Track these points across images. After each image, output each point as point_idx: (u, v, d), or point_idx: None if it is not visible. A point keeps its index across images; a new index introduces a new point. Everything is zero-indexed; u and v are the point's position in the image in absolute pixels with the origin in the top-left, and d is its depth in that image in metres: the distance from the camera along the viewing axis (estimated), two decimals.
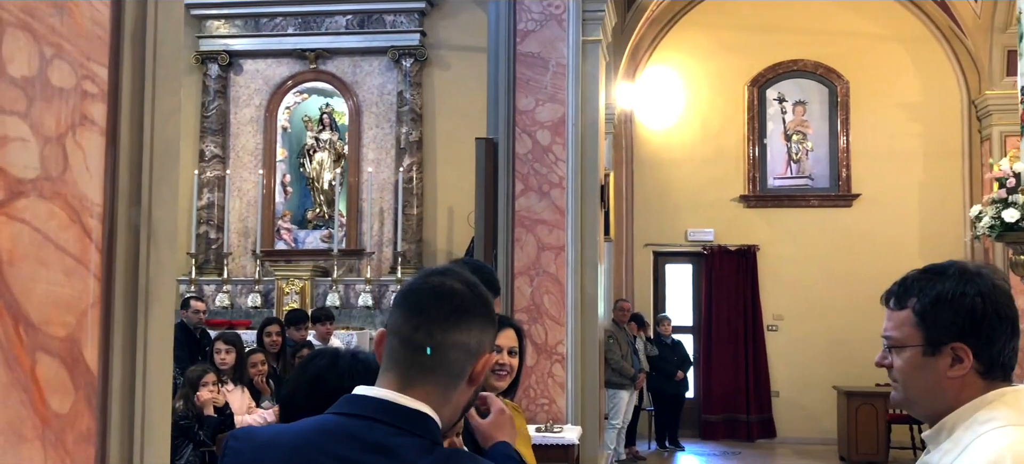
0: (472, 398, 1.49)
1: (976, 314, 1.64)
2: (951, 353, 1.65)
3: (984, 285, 1.66)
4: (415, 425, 1.35)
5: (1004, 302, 1.66)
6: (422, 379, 1.40)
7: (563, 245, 7.48)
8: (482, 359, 1.44)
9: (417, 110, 11.41)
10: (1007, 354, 1.66)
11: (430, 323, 1.40)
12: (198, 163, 11.55)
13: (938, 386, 1.68)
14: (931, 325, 1.68)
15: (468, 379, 1.44)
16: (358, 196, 11.54)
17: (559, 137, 7.53)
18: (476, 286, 1.47)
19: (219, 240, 11.49)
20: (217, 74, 11.64)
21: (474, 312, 1.44)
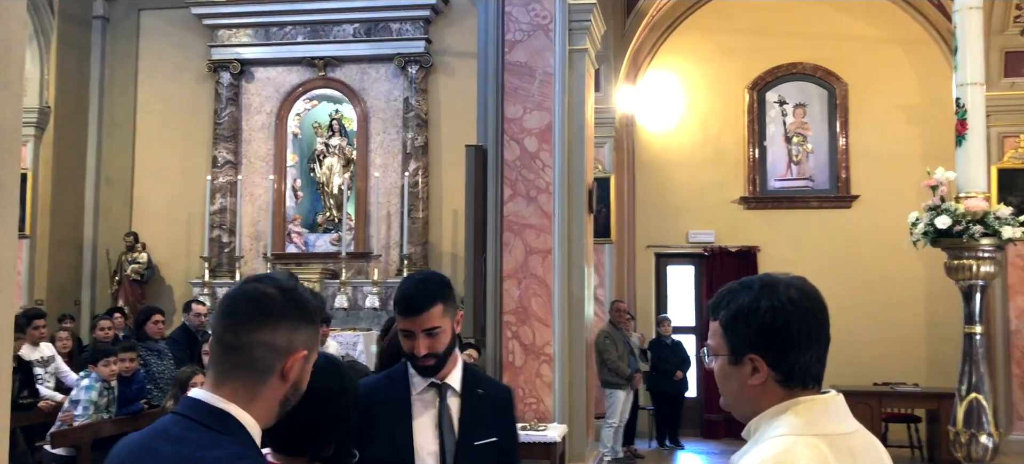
0: (290, 392, 1.64)
1: (768, 328, 1.76)
2: (750, 363, 1.78)
3: (779, 299, 1.77)
4: (216, 422, 1.54)
5: (799, 316, 1.75)
6: (230, 376, 1.58)
7: (550, 249, 7.69)
8: (292, 356, 1.61)
9: (422, 116, 11.67)
10: (804, 365, 1.75)
11: (237, 324, 1.59)
12: (211, 169, 11.88)
13: (742, 393, 1.83)
14: (732, 336, 1.82)
15: (280, 375, 1.61)
16: (366, 200, 11.82)
17: (546, 144, 7.74)
18: (290, 292, 1.64)
19: (231, 244, 11.82)
20: (229, 82, 11.97)
21: (282, 314, 1.61)
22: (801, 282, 1.83)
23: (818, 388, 1.79)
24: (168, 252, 12.05)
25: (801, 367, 1.75)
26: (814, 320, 1.77)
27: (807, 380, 1.76)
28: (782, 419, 1.74)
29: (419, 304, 2.56)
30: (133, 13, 12.39)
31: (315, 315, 1.69)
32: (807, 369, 1.75)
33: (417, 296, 2.58)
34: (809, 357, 1.75)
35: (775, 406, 1.76)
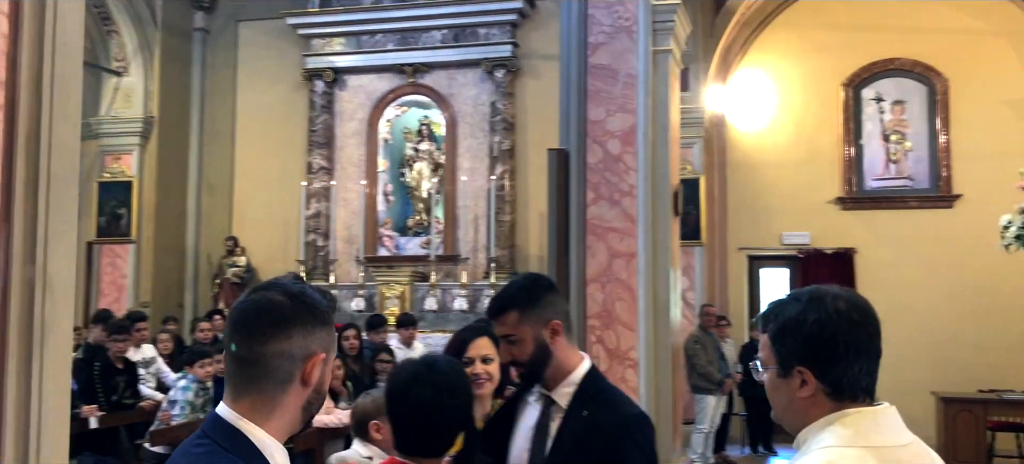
0: (312, 397, 1.63)
1: (814, 340, 1.74)
2: (799, 375, 1.76)
3: (826, 312, 1.75)
4: (226, 439, 1.54)
5: (846, 328, 1.73)
6: (248, 389, 1.58)
7: (634, 252, 7.62)
8: (311, 361, 1.60)
9: (509, 119, 11.73)
10: (852, 377, 1.72)
11: (249, 337, 1.56)
12: (306, 175, 12.19)
13: (791, 405, 1.81)
14: (780, 349, 1.80)
15: (301, 382, 1.60)
16: (454, 204, 11.95)
17: (629, 146, 7.67)
18: (300, 295, 1.62)
19: (326, 247, 12.11)
20: (323, 90, 12.27)
21: (294, 320, 1.58)
22: (850, 294, 1.81)
23: (869, 400, 1.76)
24: (266, 256, 12.42)
25: (850, 379, 1.73)
26: (863, 332, 1.75)
27: (857, 392, 1.74)
28: (829, 431, 1.72)
29: (493, 308, 2.50)
30: (232, 25, 12.82)
31: (328, 315, 1.67)
32: (856, 381, 1.73)
33: (495, 299, 2.52)
34: (858, 369, 1.73)
35: (823, 418, 1.74)
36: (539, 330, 2.42)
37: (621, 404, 2.48)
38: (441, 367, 2.20)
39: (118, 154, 12.07)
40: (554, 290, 2.56)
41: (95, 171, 12.13)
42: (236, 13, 12.79)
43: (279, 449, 1.61)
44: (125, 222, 11.94)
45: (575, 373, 2.47)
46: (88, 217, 12.10)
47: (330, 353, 1.67)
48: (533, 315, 2.43)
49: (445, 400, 2.14)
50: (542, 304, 2.46)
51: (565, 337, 2.48)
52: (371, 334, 7.67)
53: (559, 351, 2.45)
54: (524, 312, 2.43)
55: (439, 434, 2.15)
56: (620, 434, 2.36)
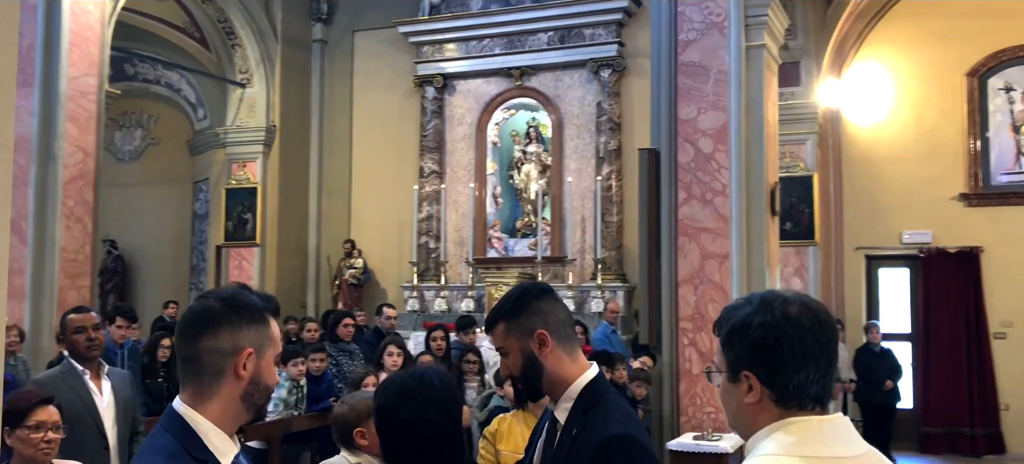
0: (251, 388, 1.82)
1: (759, 345, 1.71)
2: (746, 381, 1.73)
3: (772, 316, 1.71)
4: (170, 423, 1.79)
5: (792, 334, 1.68)
6: (188, 381, 1.83)
7: (727, 253, 7.48)
8: (240, 355, 1.80)
9: (615, 119, 11.68)
10: (798, 383, 1.68)
11: (186, 337, 1.82)
12: (418, 179, 12.50)
13: (740, 411, 1.79)
14: (728, 353, 1.78)
15: (234, 374, 1.81)
16: (560, 205, 11.99)
17: (722, 145, 7.54)
18: (229, 299, 1.84)
19: (437, 249, 12.38)
20: (433, 96, 12.55)
21: (222, 321, 1.81)
22: (805, 299, 1.77)
23: (820, 409, 1.71)
24: (381, 257, 12.81)
25: (796, 386, 1.68)
26: (812, 338, 1.70)
27: (804, 400, 1.69)
28: (772, 438, 1.69)
29: (487, 320, 2.43)
30: (348, 35, 13.29)
31: (260, 315, 1.85)
32: (803, 388, 1.68)
33: (491, 311, 2.42)
34: (805, 376, 1.68)
35: (769, 426, 1.71)
36: (525, 341, 2.30)
37: (608, 422, 2.21)
38: (432, 382, 2.23)
39: (244, 161, 12.71)
40: (547, 298, 2.38)
41: (223, 178, 12.82)
42: (352, 24, 13.25)
43: (216, 433, 1.80)
44: (251, 226, 12.56)
45: (573, 386, 2.29)
46: (217, 221, 12.83)
47: (265, 349, 1.85)
48: (518, 326, 2.31)
49: (435, 416, 2.18)
50: (528, 313, 2.32)
51: (559, 347, 2.31)
52: (460, 335, 7.81)
53: (551, 363, 2.29)
54: (510, 323, 2.33)
55: (429, 449, 2.19)
56: (595, 456, 2.14)
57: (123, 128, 14.41)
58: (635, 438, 2.20)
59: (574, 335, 2.40)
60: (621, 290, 11.23)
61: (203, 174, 13.50)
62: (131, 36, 11.77)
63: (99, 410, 4.38)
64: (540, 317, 2.31)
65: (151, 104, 14.17)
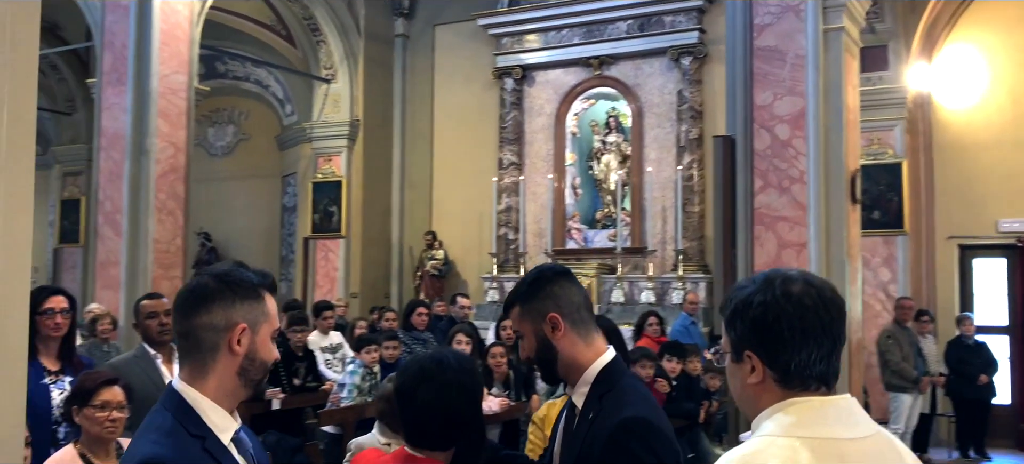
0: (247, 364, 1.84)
1: (758, 323, 1.67)
2: (748, 361, 1.69)
3: (773, 295, 1.67)
4: (168, 399, 1.83)
5: (793, 312, 1.64)
6: (186, 358, 1.86)
7: (805, 242, 7.29)
8: (233, 331, 1.82)
9: (696, 107, 11.50)
10: (800, 363, 1.64)
11: (181, 314, 1.85)
12: (497, 170, 12.56)
13: (744, 392, 1.75)
14: (731, 333, 1.75)
15: (228, 350, 1.83)
16: (640, 195, 11.88)
17: (799, 131, 7.34)
18: (223, 276, 1.86)
19: (516, 241, 12.41)
20: (512, 87, 12.58)
21: (215, 297, 1.83)
22: (810, 278, 1.72)
23: (825, 389, 1.67)
24: (462, 249, 12.93)
25: (798, 366, 1.65)
26: (814, 317, 1.65)
27: (807, 380, 1.66)
28: (772, 419, 1.66)
29: (505, 304, 2.44)
30: (429, 30, 13.43)
31: (254, 291, 1.87)
32: (806, 368, 1.65)
33: (509, 294, 2.40)
34: (807, 356, 1.64)
35: (771, 406, 1.67)
36: (538, 324, 2.27)
37: (623, 405, 2.17)
38: (450, 364, 2.25)
39: (329, 155, 12.99)
40: (561, 281, 2.33)
41: (310, 172, 13.14)
42: (433, 18, 13.38)
43: (214, 409, 1.82)
44: (336, 219, 12.84)
45: (589, 370, 2.26)
46: (304, 214, 13.15)
47: (260, 325, 1.87)
48: (531, 309, 2.28)
49: (454, 397, 2.20)
50: (541, 297, 2.29)
51: (573, 331, 2.27)
52: None
53: (565, 347, 2.26)
54: (524, 306, 2.30)
55: (447, 430, 2.22)
56: (610, 440, 2.11)
57: (215, 124, 14.90)
58: (650, 421, 2.14)
59: (590, 319, 2.35)
60: (702, 281, 11.07)
61: (291, 168, 13.85)
62: (221, 35, 12.16)
63: None
64: (553, 301, 2.28)
65: (242, 101, 14.60)
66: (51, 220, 15.17)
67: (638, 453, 2.09)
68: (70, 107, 14.49)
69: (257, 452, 1.95)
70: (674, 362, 6.79)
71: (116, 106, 9.87)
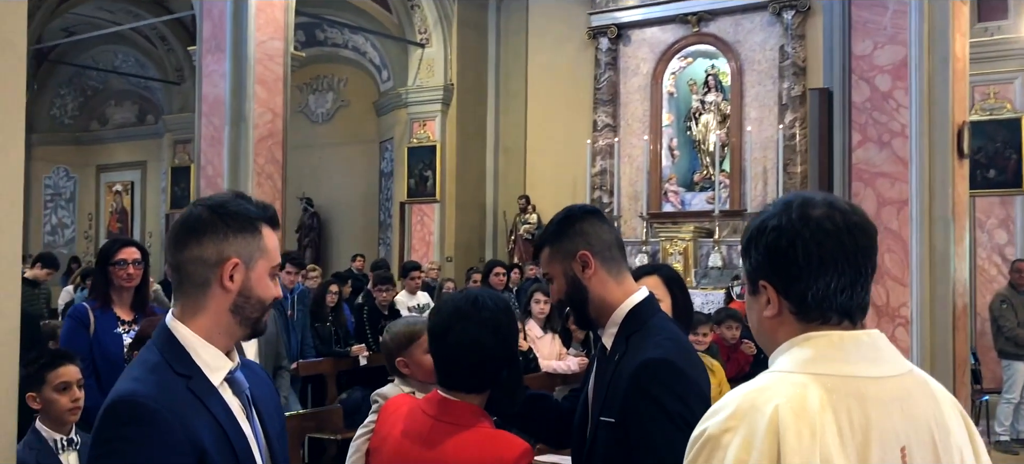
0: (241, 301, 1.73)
1: (772, 249, 1.50)
2: (764, 292, 1.53)
3: (788, 218, 1.50)
4: (159, 336, 1.74)
5: (811, 237, 1.46)
6: (178, 294, 1.76)
7: (906, 199, 6.86)
8: (225, 266, 1.71)
9: (799, 63, 11.04)
10: (819, 293, 1.46)
11: (172, 247, 1.75)
12: (591, 133, 12.37)
13: (761, 326, 1.59)
14: (746, 263, 1.59)
15: (219, 285, 1.72)
16: (740, 156, 11.50)
17: (901, 81, 6.90)
18: (217, 207, 1.73)
19: (611, 204, 12.22)
20: (607, 47, 12.34)
21: (206, 229, 1.71)
22: (834, 201, 1.54)
23: (848, 323, 1.49)
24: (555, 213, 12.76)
25: (817, 296, 1.47)
26: (835, 242, 1.47)
27: (828, 312, 1.48)
28: (787, 354, 1.50)
29: (535, 246, 2.42)
30: None
31: (250, 223, 1.75)
32: (826, 299, 1.47)
33: (539, 236, 2.34)
34: (825, 285, 1.47)
35: (787, 342, 1.51)
36: (568, 264, 2.18)
37: (647, 347, 2.05)
38: (485, 304, 2.13)
39: (424, 120, 13.05)
40: (591, 219, 2.24)
41: (405, 137, 13.23)
42: None
43: (205, 347, 1.73)
44: (431, 183, 12.90)
45: (619, 310, 2.16)
46: (400, 179, 13.27)
47: (255, 260, 1.75)
48: (561, 249, 2.20)
49: (487, 337, 2.09)
50: (571, 235, 2.20)
51: (603, 269, 2.17)
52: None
53: (596, 286, 2.16)
54: (553, 246, 2.22)
55: (481, 371, 2.12)
56: (632, 382, 2.01)
57: (316, 91, 15.16)
58: (674, 364, 2.02)
59: (622, 257, 2.24)
60: None
61: (388, 134, 13.98)
62: (320, 1, 12.31)
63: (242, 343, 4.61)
64: (583, 238, 2.18)
65: (341, 68, 14.80)
66: (163, 187, 15.78)
67: (660, 398, 1.98)
68: (179, 76, 14.98)
69: (261, 391, 1.87)
70: None
71: (215, 73, 10.13)
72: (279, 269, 1.84)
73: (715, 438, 1.40)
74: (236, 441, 1.68)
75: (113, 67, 16.46)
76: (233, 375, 1.77)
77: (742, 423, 1.39)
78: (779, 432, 1.35)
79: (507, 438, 2.11)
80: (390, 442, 2.21)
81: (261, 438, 1.80)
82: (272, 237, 1.80)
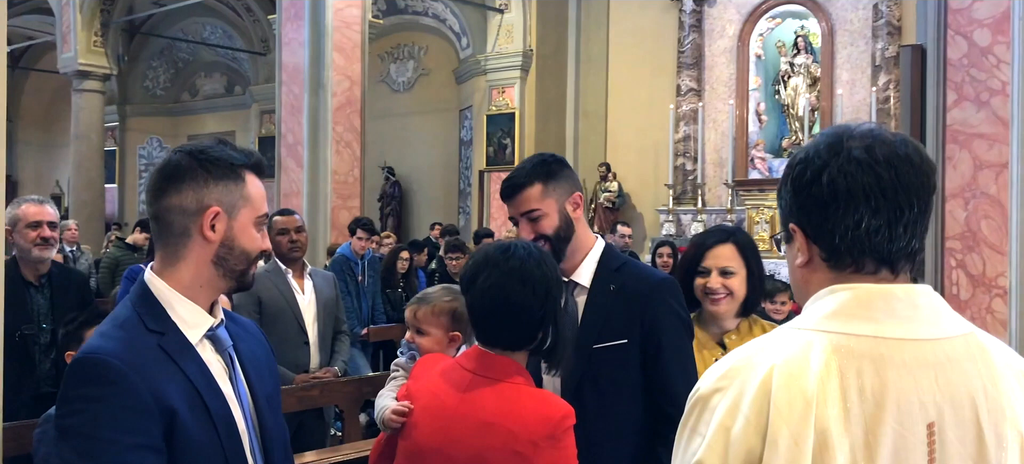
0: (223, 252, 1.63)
1: (797, 184, 1.30)
2: (796, 237, 1.33)
3: (816, 149, 1.29)
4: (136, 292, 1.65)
5: (842, 168, 1.25)
6: (157, 245, 1.66)
7: (1006, 162, 6.42)
8: (205, 214, 1.61)
9: (894, 22, 10.49)
10: (847, 234, 1.25)
11: (151, 195, 1.65)
12: (674, 97, 12.02)
13: (793, 278, 1.39)
14: (780, 205, 1.40)
15: (199, 235, 1.62)
16: (831, 120, 11.00)
17: (1002, 36, 6.44)
18: (197, 153, 1.64)
19: (694, 171, 11.89)
20: (691, 9, 11.95)
21: (185, 176, 1.61)
22: (880, 130, 1.31)
23: (886, 272, 1.26)
24: (637, 181, 12.53)
25: (846, 238, 1.26)
26: (870, 173, 1.24)
27: (862, 258, 1.26)
28: (808, 309, 1.30)
29: (509, 189, 2.38)
30: None
31: (233, 171, 1.64)
32: (858, 242, 1.25)
33: (508, 181, 2.41)
34: (858, 223, 1.25)
35: (816, 294, 1.30)
36: (563, 202, 2.35)
37: (648, 272, 2.47)
38: (515, 252, 2.02)
39: (503, 87, 12.90)
40: (569, 168, 2.46)
41: (484, 105, 13.11)
42: None
43: (182, 302, 1.63)
44: (509, 151, 12.77)
45: (594, 250, 2.41)
46: (479, 147, 13.18)
47: (238, 209, 1.65)
48: (556, 187, 2.35)
49: (514, 286, 1.96)
50: (565, 176, 2.39)
51: (581, 212, 2.43)
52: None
53: (579, 227, 2.39)
54: (546, 184, 2.34)
55: (511, 323, 1.99)
56: (653, 299, 2.30)
57: (397, 60, 15.16)
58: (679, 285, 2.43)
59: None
60: None
61: (467, 102, 13.89)
62: None
63: (300, 307, 4.57)
64: (572, 182, 2.41)
65: (421, 36, 14.75)
66: None
67: (676, 307, 2.33)
68: (264, 47, 15.17)
69: (252, 350, 1.75)
70: None
71: (294, 41, 10.17)
72: (266, 219, 1.72)
73: (705, 399, 1.22)
74: (211, 402, 1.57)
75: (202, 39, 16.80)
76: (214, 332, 1.66)
77: (733, 383, 1.20)
78: (770, 396, 1.16)
79: (548, 396, 2.01)
80: (422, 398, 2.10)
81: (247, 399, 1.68)
82: (257, 185, 1.69)
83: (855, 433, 1.16)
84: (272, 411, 1.73)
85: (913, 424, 1.17)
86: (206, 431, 1.54)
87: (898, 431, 1.17)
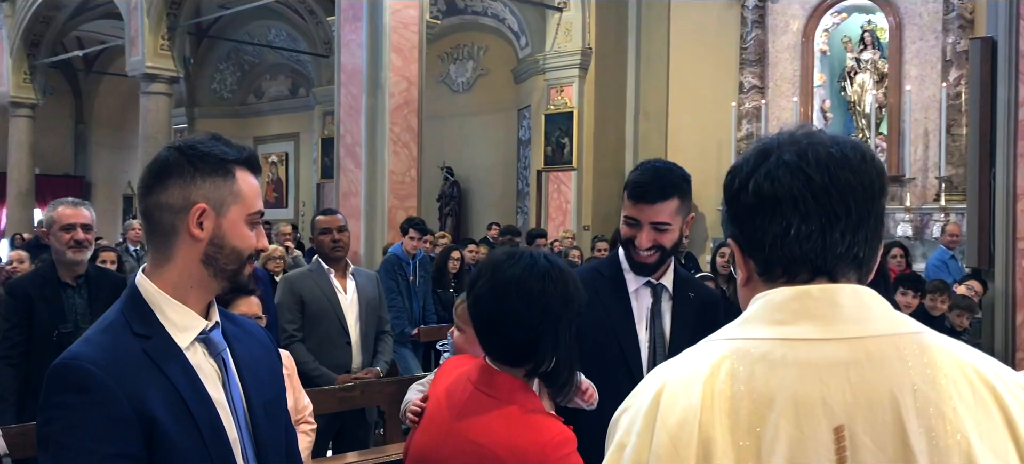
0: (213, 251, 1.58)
1: (729, 195, 1.21)
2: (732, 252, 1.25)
3: (745, 156, 1.21)
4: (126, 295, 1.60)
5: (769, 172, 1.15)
6: (148, 245, 1.61)
7: None
8: (191, 212, 1.55)
9: (966, 15, 10.09)
10: (776, 241, 1.15)
11: (140, 193, 1.60)
12: (737, 95, 11.78)
13: (740, 298, 1.26)
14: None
15: (187, 233, 1.56)
16: (899, 118, 10.67)
17: None
18: (185, 148, 1.58)
19: None
20: (754, 4, 11.69)
21: (172, 171, 1.56)
22: (819, 133, 1.20)
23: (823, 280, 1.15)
24: (699, 180, 11.93)
25: (777, 246, 1.15)
26: (799, 177, 1.14)
27: (795, 267, 1.16)
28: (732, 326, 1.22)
29: (652, 193, 2.40)
30: None
31: (222, 166, 1.59)
32: (787, 248, 1.15)
33: (651, 184, 2.41)
34: (786, 229, 1.14)
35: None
36: (684, 220, 2.49)
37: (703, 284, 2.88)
38: (518, 263, 1.89)
39: (561, 86, 12.79)
40: None
41: (543, 104, 13.02)
42: None
43: (172, 304, 1.58)
44: (567, 151, 12.66)
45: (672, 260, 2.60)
46: (538, 147, 13.10)
47: (227, 205, 1.59)
48: (684, 205, 2.47)
49: (508, 297, 1.84)
50: (689, 195, 2.51)
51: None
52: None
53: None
54: (682, 201, 2.46)
55: (505, 335, 1.86)
56: (716, 308, 2.62)
57: (456, 61, 15.17)
58: None
59: None
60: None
61: (526, 101, 13.82)
62: None
63: (342, 306, 4.55)
64: (691, 201, 2.53)
65: (480, 36, 14.74)
66: (314, 157, 16.26)
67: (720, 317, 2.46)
68: (327, 49, 15.32)
69: (252, 354, 1.69)
70: (909, 297, 5.94)
71: (353, 42, 10.22)
72: (260, 216, 1.66)
73: (615, 419, 1.18)
74: (196, 408, 1.51)
75: (267, 42, 17.06)
76: (207, 335, 1.60)
77: (635, 401, 1.16)
78: (659, 408, 1.11)
79: (544, 423, 1.83)
80: (432, 401, 2.02)
81: (241, 405, 1.61)
82: (250, 181, 1.63)
83: (743, 438, 1.07)
84: (269, 417, 1.66)
85: (814, 426, 1.07)
86: (191, 438, 1.49)
87: (794, 434, 1.06)
